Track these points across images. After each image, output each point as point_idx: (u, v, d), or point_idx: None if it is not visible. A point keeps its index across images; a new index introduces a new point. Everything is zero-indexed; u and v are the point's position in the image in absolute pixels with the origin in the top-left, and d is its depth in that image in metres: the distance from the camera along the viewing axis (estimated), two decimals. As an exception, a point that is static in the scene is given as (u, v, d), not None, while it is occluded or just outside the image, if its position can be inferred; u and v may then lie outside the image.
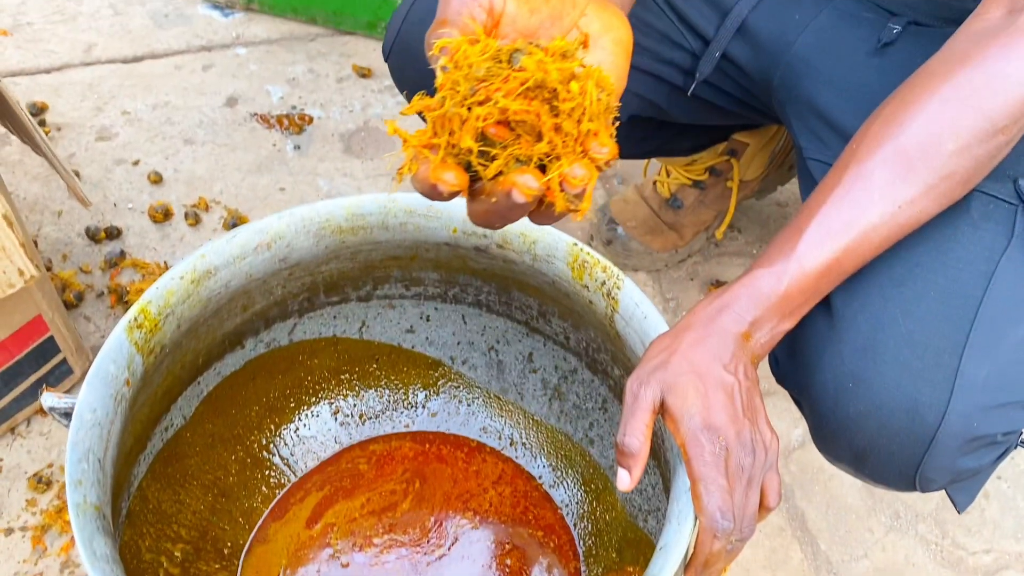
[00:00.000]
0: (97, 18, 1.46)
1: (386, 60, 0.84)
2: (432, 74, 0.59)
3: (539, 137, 0.46)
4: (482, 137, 0.46)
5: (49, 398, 0.67)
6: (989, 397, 0.60)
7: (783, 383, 0.71)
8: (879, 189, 0.58)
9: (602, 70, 0.46)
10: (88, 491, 0.63)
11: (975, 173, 0.59)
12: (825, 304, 0.63)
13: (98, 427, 0.66)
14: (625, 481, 0.58)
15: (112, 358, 0.68)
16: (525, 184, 0.45)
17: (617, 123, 0.48)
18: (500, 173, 0.46)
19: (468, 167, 0.47)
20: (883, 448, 0.62)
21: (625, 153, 1.02)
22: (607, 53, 0.52)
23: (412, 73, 0.83)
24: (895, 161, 0.58)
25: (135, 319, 0.70)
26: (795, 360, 0.67)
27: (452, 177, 0.45)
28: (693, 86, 0.84)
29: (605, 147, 0.45)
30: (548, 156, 0.46)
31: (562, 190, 0.46)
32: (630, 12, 0.80)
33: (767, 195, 1.27)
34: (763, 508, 0.59)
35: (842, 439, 0.64)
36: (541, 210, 0.49)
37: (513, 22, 0.49)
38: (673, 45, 0.84)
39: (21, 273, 0.79)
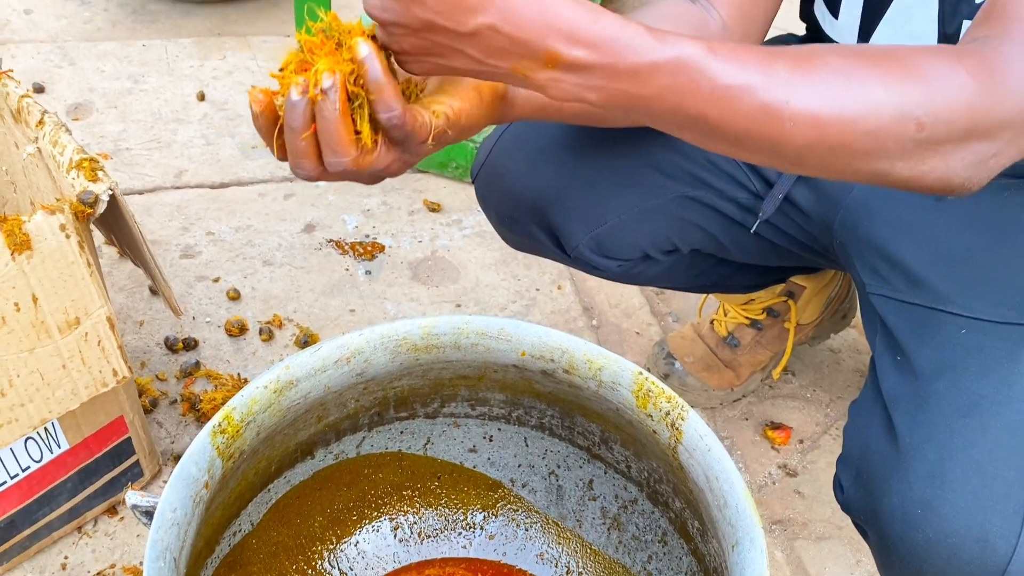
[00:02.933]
0: (190, 147, 1.57)
1: (473, 181, 0.92)
2: (511, 199, 0.85)
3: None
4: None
5: (133, 496, 0.70)
6: None
7: (848, 510, 0.71)
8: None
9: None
10: (163, 587, 0.65)
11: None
12: (890, 431, 0.65)
13: (176, 527, 0.68)
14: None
15: (195, 460, 0.71)
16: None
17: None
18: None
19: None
20: None
21: (684, 286, 1.07)
22: (457, 88, 0.61)
23: (495, 193, 0.90)
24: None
25: (219, 424, 0.73)
26: (862, 486, 0.67)
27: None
28: (755, 225, 0.88)
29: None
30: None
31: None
32: (696, 151, 0.86)
33: (821, 342, 1.29)
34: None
35: (910, 568, 0.64)
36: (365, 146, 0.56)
37: None
38: (738, 185, 0.89)
39: (115, 373, 0.84)
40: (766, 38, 0.97)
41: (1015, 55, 0.52)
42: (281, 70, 0.59)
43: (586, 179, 0.87)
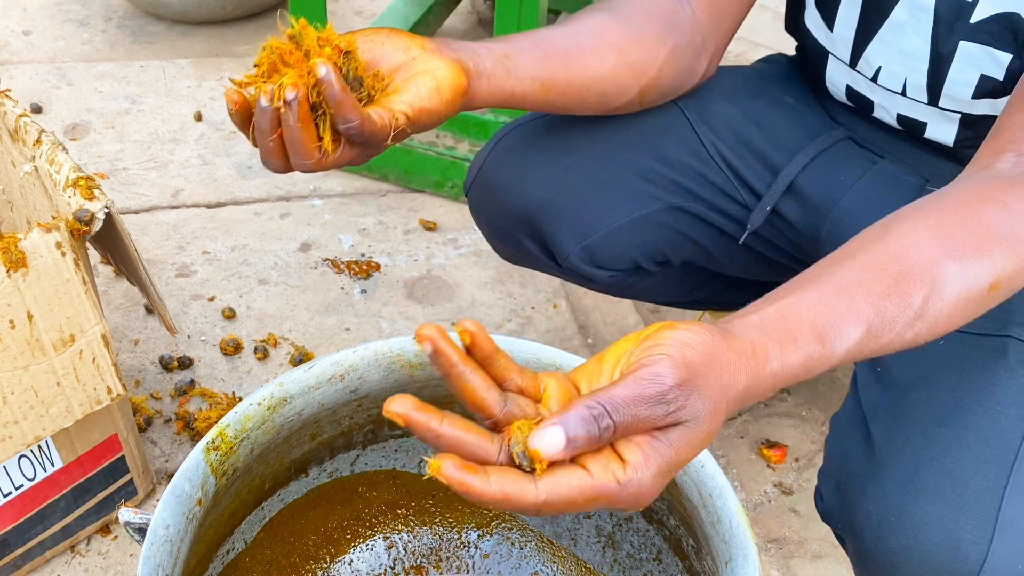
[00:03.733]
0: (186, 167, 1.58)
1: (466, 194, 0.93)
2: (503, 210, 0.91)
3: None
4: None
5: (126, 513, 0.70)
6: None
7: (828, 520, 0.72)
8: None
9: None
10: (156, 605, 0.64)
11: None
12: (868, 440, 0.65)
13: (169, 544, 0.68)
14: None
15: (188, 477, 0.71)
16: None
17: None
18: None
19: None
20: None
21: (678, 301, 1.07)
22: (419, 87, 0.65)
23: (488, 205, 0.92)
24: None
25: (213, 441, 0.73)
26: (840, 495, 0.68)
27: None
28: (744, 236, 0.89)
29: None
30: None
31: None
32: (686, 163, 0.87)
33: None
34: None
35: (886, 575, 0.64)
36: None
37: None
38: (727, 197, 0.90)
39: (109, 391, 0.84)
40: (755, 59, 0.98)
41: None
42: (256, 66, 0.64)
43: (577, 189, 0.87)
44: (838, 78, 0.86)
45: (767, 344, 0.50)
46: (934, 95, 0.77)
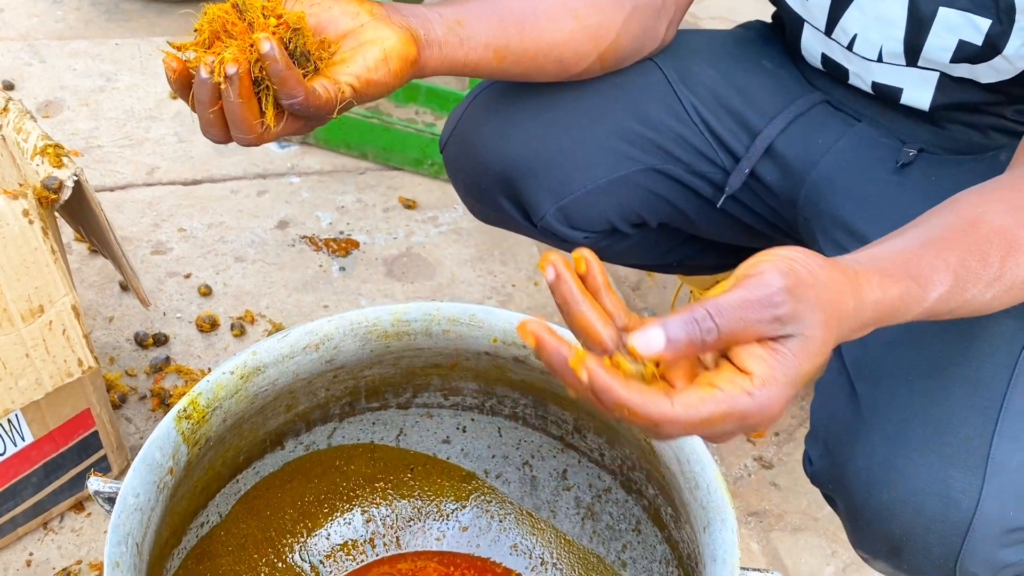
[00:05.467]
0: (162, 144, 1.56)
1: (442, 151, 0.91)
2: (479, 168, 0.89)
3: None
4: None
5: (95, 482, 0.69)
6: (1023, 485, 0.60)
7: (817, 482, 0.72)
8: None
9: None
10: (125, 574, 0.63)
11: None
12: (853, 398, 0.65)
13: (139, 512, 0.67)
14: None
15: (159, 445, 0.70)
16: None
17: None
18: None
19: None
20: (920, 538, 0.62)
21: (651, 263, 1.07)
22: (366, 58, 0.63)
23: (464, 162, 0.91)
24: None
25: (184, 410, 0.72)
26: (828, 456, 0.67)
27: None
28: (722, 199, 0.89)
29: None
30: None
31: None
32: (665, 124, 0.86)
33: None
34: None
35: (878, 529, 0.64)
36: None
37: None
38: (705, 160, 0.89)
39: (81, 363, 0.82)
40: (732, 25, 0.97)
41: None
42: (195, 30, 0.62)
43: (554, 149, 0.86)
44: (813, 46, 0.85)
45: (868, 273, 0.49)
46: (912, 59, 0.77)
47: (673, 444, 0.73)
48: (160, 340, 1.19)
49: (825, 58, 0.85)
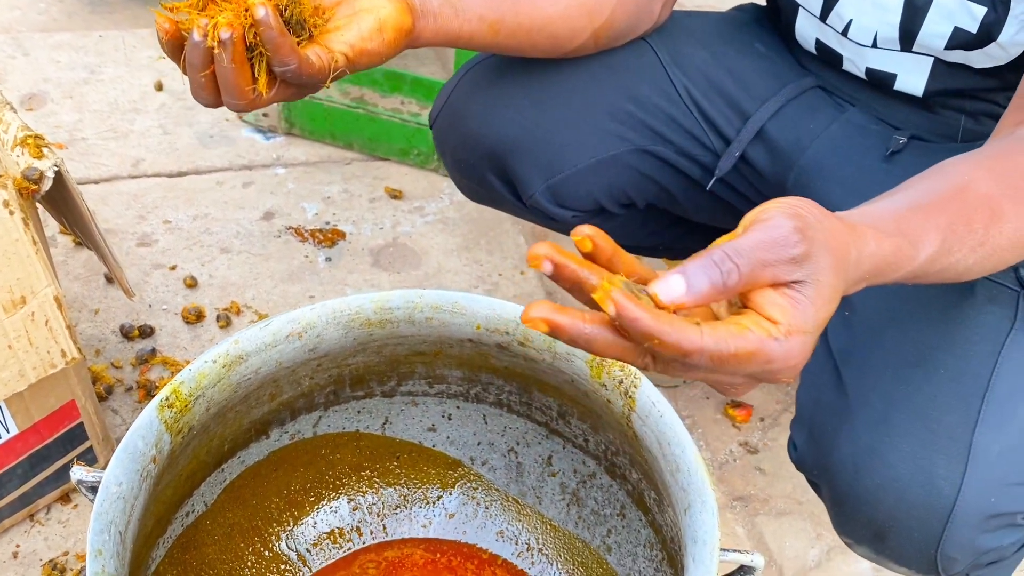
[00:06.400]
0: (147, 136, 1.55)
1: (431, 125, 0.91)
2: (468, 144, 0.89)
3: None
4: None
5: (78, 471, 0.69)
6: (1004, 472, 0.61)
7: (802, 467, 0.72)
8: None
9: None
10: (107, 562, 0.63)
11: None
12: (839, 384, 0.65)
13: (122, 500, 0.67)
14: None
15: (141, 434, 0.70)
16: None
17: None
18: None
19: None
20: (902, 523, 0.63)
21: (636, 245, 1.07)
22: (361, 27, 0.64)
23: (454, 138, 0.90)
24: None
25: (167, 398, 0.72)
26: (813, 442, 0.68)
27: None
28: (712, 182, 0.89)
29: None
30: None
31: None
32: (656, 104, 0.86)
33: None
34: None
35: (861, 515, 0.64)
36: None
37: None
38: (696, 142, 0.89)
39: (64, 354, 0.82)
40: (724, 8, 0.97)
41: None
42: None
43: (545, 127, 0.86)
44: (808, 31, 0.85)
45: (864, 227, 0.49)
46: (907, 45, 0.77)
47: (653, 427, 0.73)
48: (146, 332, 1.18)
49: (819, 43, 0.85)
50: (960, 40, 0.73)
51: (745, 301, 0.45)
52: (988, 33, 0.71)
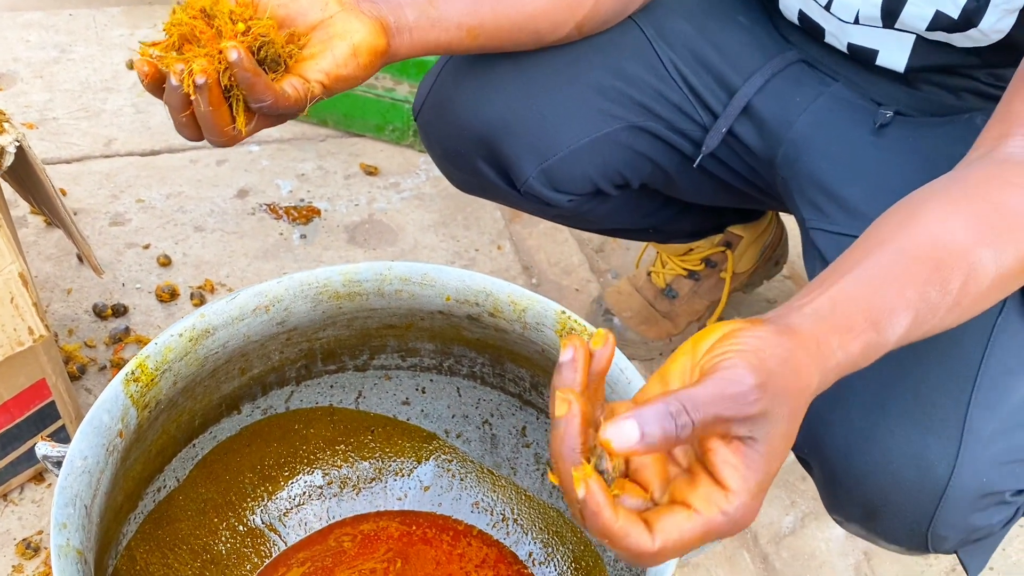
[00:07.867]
0: (119, 115, 1.53)
1: (416, 117, 0.90)
2: (457, 132, 0.87)
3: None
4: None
5: (43, 447, 0.69)
6: (998, 452, 0.61)
7: (793, 448, 0.72)
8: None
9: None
10: (72, 535, 0.63)
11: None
12: None
13: (87, 474, 0.67)
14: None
15: (107, 408, 0.70)
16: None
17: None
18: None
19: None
20: (895, 504, 0.63)
21: (629, 227, 1.06)
22: (335, 53, 0.64)
23: (441, 127, 0.89)
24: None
25: (132, 372, 0.72)
26: (806, 423, 0.68)
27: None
28: (700, 157, 0.88)
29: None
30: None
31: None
32: (645, 80, 0.86)
33: (754, 289, 1.30)
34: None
35: (854, 495, 0.65)
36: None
37: (267, 9, 0.64)
38: (685, 116, 0.88)
39: (31, 332, 0.82)
40: None
41: None
42: (164, 30, 0.63)
43: (535, 109, 0.84)
44: (792, 2, 0.84)
45: (828, 336, 0.49)
46: (889, 23, 0.77)
47: (623, 395, 0.73)
48: (119, 311, 1.18)
49: (802, 14, 0.84)
50: (941, 23, 0.73)
51: (697, 449, 0.45)
52: (969, 19, 0.71)
